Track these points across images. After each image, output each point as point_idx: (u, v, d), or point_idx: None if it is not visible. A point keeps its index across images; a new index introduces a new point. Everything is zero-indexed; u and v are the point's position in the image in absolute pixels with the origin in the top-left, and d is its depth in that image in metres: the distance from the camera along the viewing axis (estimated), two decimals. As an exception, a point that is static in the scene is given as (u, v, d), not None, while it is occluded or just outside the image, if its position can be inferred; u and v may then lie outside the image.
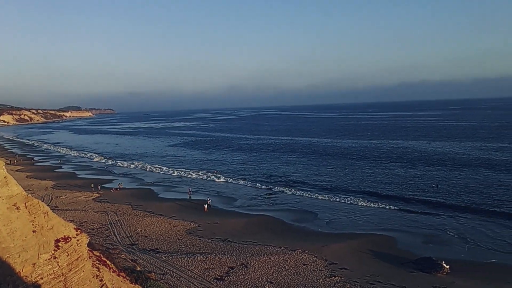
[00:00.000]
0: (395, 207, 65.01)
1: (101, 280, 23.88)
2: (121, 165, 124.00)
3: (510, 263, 41.50)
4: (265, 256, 43.02)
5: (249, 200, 74.58)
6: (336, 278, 37.46)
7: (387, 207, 65.60)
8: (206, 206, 66.56)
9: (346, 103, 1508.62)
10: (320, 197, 73.73)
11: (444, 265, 39.17)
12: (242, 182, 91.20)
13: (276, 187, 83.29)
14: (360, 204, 68.15)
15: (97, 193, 79.51)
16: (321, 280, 37.12)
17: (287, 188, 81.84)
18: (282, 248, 45.83)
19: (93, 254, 27.95)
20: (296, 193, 78.02)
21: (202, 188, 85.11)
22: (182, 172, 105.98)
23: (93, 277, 23.18)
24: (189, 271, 38.79)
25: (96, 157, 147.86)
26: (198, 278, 37.20)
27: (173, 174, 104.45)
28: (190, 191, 78.74)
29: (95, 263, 25.55)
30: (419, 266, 40.23)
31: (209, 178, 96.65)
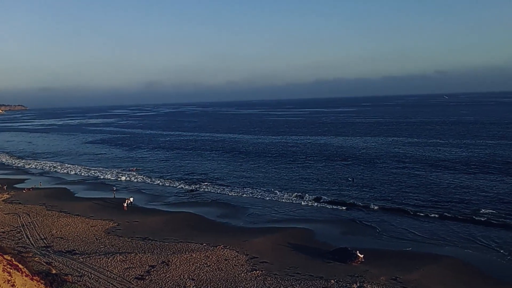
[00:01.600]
0: (314, 201, 67.21)
1: (13, 285, 22.81)
2: (35, 164, 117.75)
3: (422, 250, 44.46)
4: (187, 253, 42.90)
5: (170, 197, 73.96)
6: (257, 272, 38.15)
7: (306, 201, 67.69)
8: (125, 204, 65.08)
9: (266, 100, 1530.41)
10: (241, 193, 74.56)
11: (359, 254, 41.16)
12: (163, 179, 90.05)
13: (198, 184, 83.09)
14: (280, 199, 69.74)
15: (7, 194, 75.08)
16: (242, 274, 37.66)
17: (208, 185, 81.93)
18: (204, 244, 45.92)
19: (4, 258, 26.57)
20: (217, 189, 78.35)
21: (125, 187, 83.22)
22: (101, 171, 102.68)
23: (4, 282, 22.07)
24: (108, 272, 37.82)
25: (6, 156, 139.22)
26: (117, 279, 36.38)
27: (91, 173, 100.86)
28: (114, 190, 76.47)
29: (6, 267, 24.33)
30: (335, 256, 41.99)
31: (129, 176, 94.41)
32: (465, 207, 59.70)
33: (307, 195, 71.16)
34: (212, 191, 77.63)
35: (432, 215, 56.63)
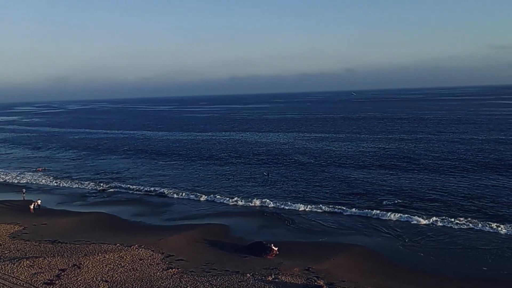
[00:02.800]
0: (228, 197, 67.76)
1: None
2: None
3: (332, 241, 46.69)
4: (100, 254, 41.66)
5: (81, 197, 71.40)
6: (173, 270, 37.95)
7: (222, 197, 67.98)
8: (32, 206, 61.77)
9: (181, 96, 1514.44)
10: (155, 192, 73.51)
11: (273, 247, 42.30)
12: (73, 179, 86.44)
13: (110, 183, 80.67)
14: (195, 197, 69.47)
15: None
16: (158, 273, 37.29)
17: (121, 184, 79.83)
18: (118, 245, 44.82)
19: None
20: (131, 188, 76.60)
21: (32, 188, 78.89)
22: (4, 172, 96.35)
23: None
24: (14, 278, 35.83)
25: None
26: (25, 285, 34.59)
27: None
28: (24, 192, 71.84)
29: None
30: (251, 250, 42.83)
31: (36, 177, 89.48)
32: (370, 199, 63.33)
33: (221, 191, 71.71)
34: (125, 190, 75.82)
35: (341, 207, 59.22)
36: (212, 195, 69.23)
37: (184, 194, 71.03)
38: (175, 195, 70.75)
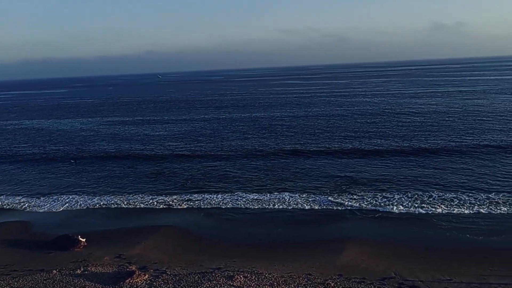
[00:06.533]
0: (30, 190, 62.50)
1: None
2: None
3: (142, 225, 46.47)
4: None
5: None
6: (-36, 278, 33.82)
7: (20, 192, 62.23)
8: None
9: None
10: None
11: (80, 239, 40.46)
12: None
13: None
14: (16, 198, 62.40)
15: None
16: None
17: None
18: None
19: None
20: None
21: None
22: None
23: None
24: None
25: None
26: None
27: None
28: None
29: None
30: (56, 245, 40.23)
31: None
32: (177, 181, 64.04)
33: (22, 184, 65.98)
34: None
35: (150, 192, 59.38)
36: (7, 193, 62.48)
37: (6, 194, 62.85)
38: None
